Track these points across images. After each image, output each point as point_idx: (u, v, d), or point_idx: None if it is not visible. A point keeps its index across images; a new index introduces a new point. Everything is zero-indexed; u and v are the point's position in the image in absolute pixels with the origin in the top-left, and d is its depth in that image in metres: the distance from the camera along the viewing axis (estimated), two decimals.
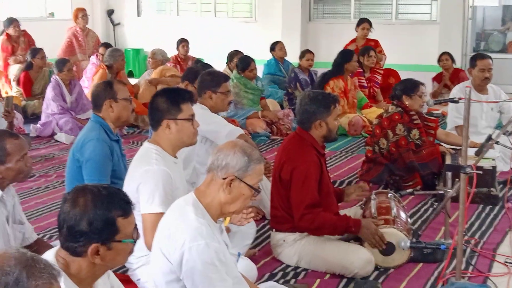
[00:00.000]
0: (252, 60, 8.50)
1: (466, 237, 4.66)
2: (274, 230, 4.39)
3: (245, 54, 9.03)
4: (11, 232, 3.59)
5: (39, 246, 3.71)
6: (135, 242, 2.37)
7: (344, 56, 8.50)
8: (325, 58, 11.17)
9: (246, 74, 8.44)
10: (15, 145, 3.44)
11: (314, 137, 4.26)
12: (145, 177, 3.61)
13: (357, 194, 4.56)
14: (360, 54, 9.26)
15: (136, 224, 2.40)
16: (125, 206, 2.33)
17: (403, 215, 4.55)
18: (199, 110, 3.88)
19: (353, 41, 10.30)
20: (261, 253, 4.53)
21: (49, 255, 2.29)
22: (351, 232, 4.20)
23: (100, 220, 2.25)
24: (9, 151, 3.41)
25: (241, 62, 8.54)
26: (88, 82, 9.30)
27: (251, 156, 2.95)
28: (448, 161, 5.71)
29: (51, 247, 3.52)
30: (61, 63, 8.48)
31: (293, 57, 10.24)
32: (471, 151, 4.14)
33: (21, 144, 3.47)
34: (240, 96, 8.42)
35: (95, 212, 2.26)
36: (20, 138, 3.54)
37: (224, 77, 5.23)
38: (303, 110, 4.28)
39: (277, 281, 4.00)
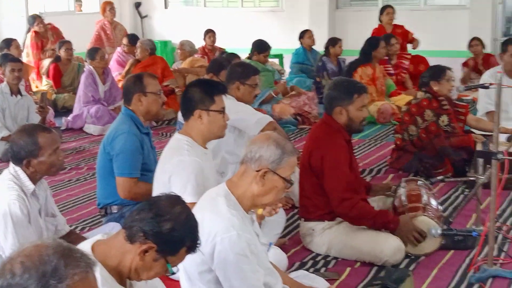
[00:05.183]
0: (269, 47, 8.53)
1: (497, 224, 4.61)
2: (303, 219, 4.39)
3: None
4: (44, 225, 3.65)
5: (72, 238, 3.77)
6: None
7: (371, 43, 8.50)
8: (353, 46, 11.06)
9: (259, 57, 8.41)
10: (48, 139, 3.48)
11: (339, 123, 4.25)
12: (178, 168, 3.67)
13: (384, 194, 4.67)
14: None
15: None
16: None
17: (433, 202, 4.52)
18: (226, 100, 3.90)
19: (379, 29, 10.17)
20: (291, 242, 4.54)
21: (85, 246, 2.32)
22: (389, 228, 4.16)
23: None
24: (41, 145, 3.45)
25: (258, 45, 8.52)
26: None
27: (285, 148, 2.95)
28: (479, 147, 5.64)
29: (84, 238, 3.58)
30: (93, 51, 8.50)
31: (321, 46, 10.19)
32: (503, 137, 4.11)
33: (53, 138, 3.52)
34: None
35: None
36: (52, 132, 3.58)
37: (254, 70, 5.25)
38: (326, 95, 4.32)
39: (307, 269, 3.99)
